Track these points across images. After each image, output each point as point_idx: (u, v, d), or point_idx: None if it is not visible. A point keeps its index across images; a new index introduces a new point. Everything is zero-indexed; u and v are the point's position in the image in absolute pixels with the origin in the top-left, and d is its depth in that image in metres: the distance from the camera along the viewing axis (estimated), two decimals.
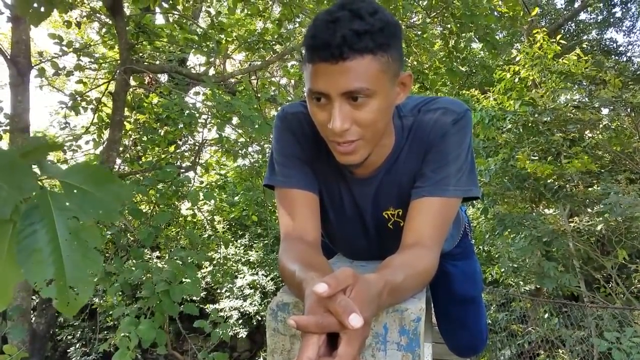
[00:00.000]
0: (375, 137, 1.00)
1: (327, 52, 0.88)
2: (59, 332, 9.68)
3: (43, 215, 0.96)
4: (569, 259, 6.57)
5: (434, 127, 1.07)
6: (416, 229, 1.03)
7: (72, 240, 0.97)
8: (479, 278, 1.68)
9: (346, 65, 0.88)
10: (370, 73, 0.89)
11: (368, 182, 1.16)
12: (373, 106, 0.93)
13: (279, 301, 0.88)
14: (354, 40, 0.87)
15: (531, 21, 9.84)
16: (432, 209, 1.04)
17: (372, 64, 0.89)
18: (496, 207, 7.54)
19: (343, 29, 0.86)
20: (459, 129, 1.06)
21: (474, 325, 1.66)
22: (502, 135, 7.28)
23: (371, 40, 0.88)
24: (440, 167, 1.05)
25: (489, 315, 7.68)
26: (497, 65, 9.68)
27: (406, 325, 0.81)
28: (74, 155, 5.60)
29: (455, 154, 1.05)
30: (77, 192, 1.04)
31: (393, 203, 1.17)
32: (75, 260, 0.95)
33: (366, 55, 0.88)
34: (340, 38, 0.86)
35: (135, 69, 4.42)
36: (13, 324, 3.39)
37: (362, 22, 0.87)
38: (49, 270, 0.92)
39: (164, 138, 5.47)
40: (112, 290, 2.97)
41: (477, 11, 5.30)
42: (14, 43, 3.59)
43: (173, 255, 3.21)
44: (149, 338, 2.66)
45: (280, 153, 1.16)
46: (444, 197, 1.04)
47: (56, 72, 4.80)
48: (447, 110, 1.07)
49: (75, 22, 5.02)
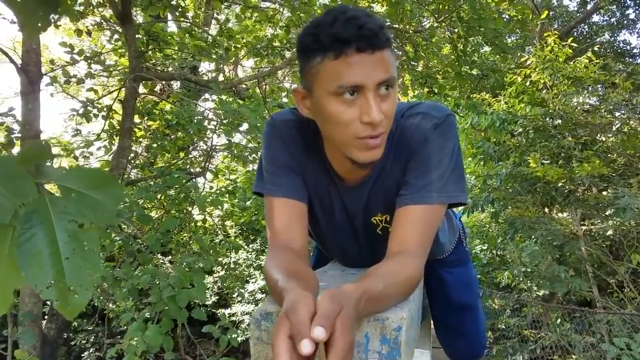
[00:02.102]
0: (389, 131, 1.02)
1: (363, 42, 0.89)
2: (73, 336, 9.75)
3: (42, 219, 0.98)
4: (581, 264, 6.50)
5: (415, 133, 1.06)
6: (400, 238, 1.02)
7: (71, 243, 0.98)
8: (475, 285, 1.66)
9: (380, 55, 0.91)
10: (393, 64, 0.94)
11: (358, 189, 1.16)
12: (394, 97, 0.96)
13: (262, 310, 0.88)
14: (380, 32, 0.90)
15: (542, 24, 9.80)
16: (415, 217, 1.03)
17: (392, 56, 0.95)
18: (507, 212, 7.49)
19: (369, 24, 0.90)
20: (440, 134, 1.05)
21: (472, 333, 1.65)
22: (512, 140, 7.24)
23: (385, 36, 0.92)
24: (422, 173, 1.04)
25: (503, 321, 7.63)
26: (509, 68, 9.63)
27: (387, 334, 0.81)
28: (86, 161, 5.68)
29: (437, 159, 1.04)
30: (75, 196, 1.05)
31: (381, 209, 1.17)
32: (75, 263, 0.97)
33: (387, 48, 0.93)
34: (370, 30, 0.89)
35: (145, 76, 4.46)
36: (24, 329, 3.43)
37: (374, 20, 0.91)
38: (49, 273, 0.93)
39: (174, 144, 5.51)
40: (121, 296, 3.00)
41: (485, 14, 5.28)
42: (24, 52, 3.64)
43: (181, 261, 3.23)
44: (155, 344, 2.67)
45: (270, 161, 1.16)
46: (428, 205, 1.03)
47: (67, 80, 4.86)
48: (427, 115, 1.07)
49: (86, 31, 5.08)
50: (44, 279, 0.91)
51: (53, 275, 0.93)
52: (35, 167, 1.07)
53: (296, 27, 5.68)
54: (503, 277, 7.74)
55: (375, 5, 7.10)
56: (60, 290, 0.92)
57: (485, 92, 8.97)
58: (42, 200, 0.98)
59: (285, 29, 5.84)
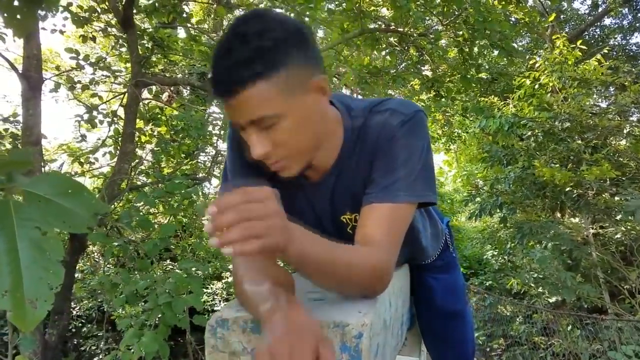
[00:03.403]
0: (303, 151, 0.97)
1: (221, 89, 0.88)
2: (83, 342, 9.79)
3: (3, 225, 0.94)
4: (592, 269, 6.40)
5: (382, 130, 1.02)
6: (364, 233, 0.98)
7: (33, 251, 0.94)
8: (462, 292, 1.62)
9: (242, 97, 0.86)
10: (268, 98, 0.87)
11: (322, 186, 1.13)
12: (285, 127, 0.91)
13: (218, 317, 0.85)
14: (242, 70, 0.85)
15: (552, 27, 9.72)
16: (381, 215, 0.98)
17: (267, 89, 0.86)
18: (515, 216, 7.41)
19: (230, 61, 0.85)
20: (408, 131, 1.01)
21: (459, 341, 1.60)
22: (521, 143, 7.17)
23: (260, 64, 0.85)
24: (389, 171, 1.00)
25: (514, 328, 7.55)
26: (519, 72, 9.56)
27: (347, 341, 0.77)
28: (91, 167, 5.72)
29: (404, 157, 1.00)
30: (41, 202, 1.01)
31: (349, 207, 1.13)
32: (35, 273, 0.92)
33: (258, 82, 0.85)
34: (227, 73, 0.86)
35: (147, 81, 4.47)
36: (24, 335, 3.42)
37: (246, 48, 0.84)
38: (4, 281, 0.89)
39: (179, 150, 5.52)
40: (118, 302, 2.98)
41: (491, 17, 5.23)
42: (25, 58, 3.67)
43: (179, 267, 3.21)
44: (151, 350, 2.65)
45: (233, 163, 1.14)
46: (394, 203, 0.98)
47: (72, 85, 4.88)
48: (394, 111, 1.03)
49: (90, 37, 5.11)
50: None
51: (9, 284, 0.89)
52: (7, 174, 1.04)
53: None
54: (513, 284, 7.66)
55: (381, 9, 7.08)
56: (16, 300, 0.88)
57: (494, 95, 8.92)
58: (6, 206, 0.95)
59: None
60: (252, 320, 0.82)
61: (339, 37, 6.50)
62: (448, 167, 18.84)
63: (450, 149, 15.63)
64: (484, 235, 12.32)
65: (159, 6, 5.25)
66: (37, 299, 0.89)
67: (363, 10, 6.14)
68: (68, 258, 4.00)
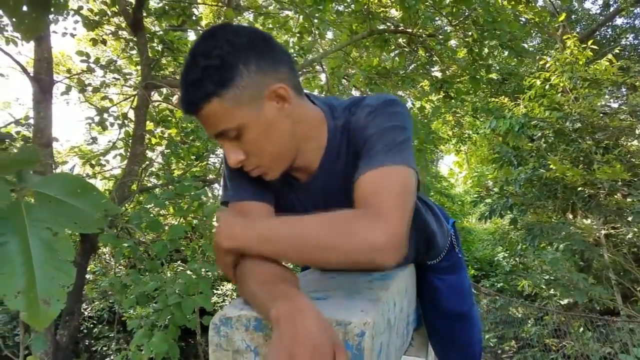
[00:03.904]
0: (277, 156, 1.02)
1: (184, 108, 0.96)
2: (95, 343, 9.83)
3: (15, 226, 0.95)
4: (603, 271, 6.34)
5: (357, 126, 1.05)
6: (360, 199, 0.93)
7: (45, 252, 0.95)
8: (469, 293, 1.61)
9: (202, 115, 0.94)
10: (224, 113, 0.93)
11: (312, 186, 1.15)
12: (249, 137, 0.96)
13: (221, 315, 0.85)
14: (195, 91, 0.91)
15: (564, 27, 9.67)
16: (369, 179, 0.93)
17: (220, 105, 0.92)
18: (526, 217, 7.36)
19: (186, 82, 0.92)
20: (375, 116, 1.01)
21: (465, 343, 1.59)
22: (530, 144, 7.13)
23: (209, 84, 0.90)
24: (367, 150, 0.98)
25: (525, 331, 7.51)
26: (529, 72, 9.52)
27: (349, 339, 0.77)
28: (102, 169, 5.77)
29: (378, 134, 0.98)
30: (52, 203, 1.02)
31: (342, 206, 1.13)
32: (47, 273, 0.93)
33: (210, 100, 0.91)
34: (186, 94, 0.93)
35: (156, 84, 4.51)
36: (36, 335, 3.45)
37: (196, 70, 0.91)
38: (19, 282, 0.89)
39: (188, 152, 5.55)
40: (128, 302, 3.00)
41: (500, 18, 5.22)
42: (36, 61, 3.72)
43: (188, 268, 3.23)
44: (161, 350, 2.66)
45: (231, 170, 1.15)
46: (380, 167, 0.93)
47: (82, 88, 4.93)
48: (366, 106, 1.05)
49: (100, 40, 5.16)
50: (12, 288, 0.88)
51: (23, 284, 0.90)
52: (17, 174, 1.06)
53: (309, 33, 5.69)
54: (524, 286, 7.61)
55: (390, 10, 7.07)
56: (30, 300, 0.88)
57: (505, 96, 8.88)
58: (17, 207, 0.96)
59: (298, 36, 5.86)
60: (256, 319, 0.82)
61: (348, 39, 6.51)
62: (459, 168, 18.77)
63: (460, 150, 15.58)
64: (494, 237, 12.27)
65: (168, 9, 5.30)
66: (50, 298, 0.90)
67: (372, 12, 6.15)
68: (79, 259, 4.04)
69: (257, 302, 0.84)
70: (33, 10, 1.40)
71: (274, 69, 0.96)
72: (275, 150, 1.00)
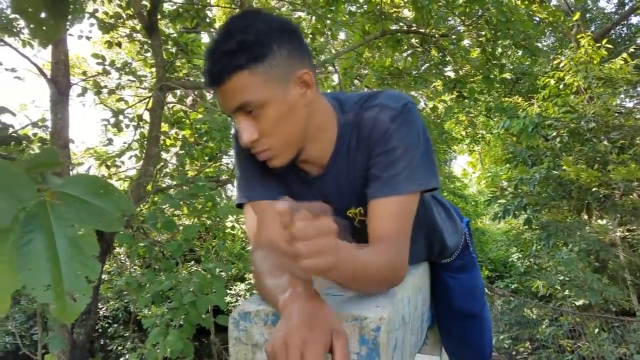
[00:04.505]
0: (289, 141, 1.03)
1: (208, 79, 0.98)
2: (110, 342, 9.92)
3: (41, 224, 0.98)
4: (619, 272, 6.28)
5: (374, 126, 1.05)
6: (374, 231, 1.01)
7: (70, 248, 0.98)
8: (481, 293, 1.62)
9: (226, 86, 0.96)
10: (251, 86, 0.95)
11: (322, 180, 1.16)
12: (269, 115, 0.98)
13: (240, 310, 0.88)
14: (225, 61, 0.94)
15: (578, 26, 9.59)
16: (388, 209, 1.01)
17: (249, 78, 0.94)
18: (540, 217, 7.31)
19: (217, 54, 0.95)
20: (400, 124, 1.03)
21: (476, 342, 1.60)
22: (545, 143, 7.09)
23: (242, 57, 0.93)
24: (388, 165, 1.03)
25: (540, 332, 7.45)
26: (543, 72, 9.45)
27: (365, 334, 0.79)
28: (117, 170, 5.83)
29: (402, 150, 1.02)
30: (76, 202, 1.05)
31: (353, 202, 1.16)
32: (73, 268, 0.96)
33: (241, 72, 0.94)
34: (213, 63, 0.95)
35: (171, 85, 4.56)
36: (53, 334, 3.51)
37: (231, 42, 0.94)
38: (46, 277, 0.93)
39: (202, 153, 5.59)
40: (144, 301, 3.04)
41: (513, 17, 5.20)
42: (53, 64, 3.78)
43: (202, 267, 3.26)
44: (176, 348, 2.70)
45: (243, 171, 1.19)
46: (399, 195, 1.01)
47: (98, 90, 5.00)
48: (383, 107, 1.05)
49: (116, 43, 5.22)
50: (40, 283, 0.91)
51: (51, 279, 0.93)
52: (41, 174, 1.09)
53: (321, 34, 5.71)
54: (539, 286, 7.55)
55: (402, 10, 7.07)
56: (57, 294, 0.92)
57: (518, 96, 8.83)
58: (43, 205, 0.99)
59: (310, 37, 5.88)
60: (273, 313, 0.85)
61: (360, 39, 6.51)
62: (472, 168, 18.66)
63: (474, 150, 15.50)
64: (509, 237, 12.18)
65: (182, 11, 5.35)
66: (76, 293, 0.93)
67: (384, 12, 6.15)
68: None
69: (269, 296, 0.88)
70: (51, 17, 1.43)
71: (300, 57, 1.01)
72: (289, 134, 1.02)
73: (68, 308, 0.91)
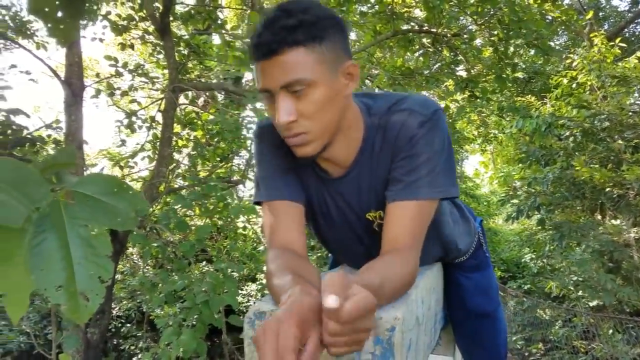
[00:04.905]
0: (325, 129, 1.01)
1: (262, 49, 0.94)
2: (123, 342, 9.98)
3: (54, 223, 0.98)
4: (633, 272, 6.21)
5: (401, 130, 1.05)
6: (391, 235, 1.01)
7: (84, 248, 0.98)
8: (495, 293, 1.61)
9: (280, 59, 0.93)
10: (305, 64, 0.93)
11: (343, 181, 1.15)
12: (315, 96, 0.96)
13: (256, 310, 0.88)
14: (284, 34, 0.92)
15: (591, 24, 9.50)
16: (406, 213, 1.02)
17: (305, 56, 0.93)
18: (554, 217, 7.25)
19: (275, 27, 0.93)
20: (428, 130, 1.03)
21: (490, 342, 1.59)
22: (558, 143, 7.03)
23: (302, 34, 0.92)
24: (410, 170, 1.03)
25: (553, 333, 7.40)
26: (556, 71, 9.38)
27: (380, 334, 0.79)
28: (130, 171, 5.87)
29: (426, 156, 1.03)
30: (90, 202, 1.06)
31: (372, 205, 1.16)
32: (86, 268, 0.96)
33: (298, 48, 0.93)
34: (271, 35, 0.92)
35: (183, 87, 4.58)
36: (67, 334, 3.54)
37: (292, 18, 0.92)
38: (59, 277, 0.93)
39: (214, 153, 5.62)
40: (157, 301, 3.06)
41: (526, 17, 5.16)
42: (67, 65, 3.82)
43: (214, 267, 3.28)
44: (189, 348, 2.71)
45: (262, 168, 1.18)
46: (417, 200, 1.02)
47: (111, 92, 5.04)
48: (412, 112, 1.05)
49: (129, 45, 5.26)
50: (53, 283, 0.91)
51: (63, 279, 0.93)
52: (56, 175, 1.10)
53: None
54: (552, 287, 7.49)
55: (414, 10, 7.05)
56: (70, 294, 0.92)
57: (531, 95, 8.77)
58: (56, 205, 0.99)
59: None
60: None
61: (372, 39, 6.51)
62: (484, 168, 18.55)
63: (486, 150, 15.42)
64: (521, 238, 12.09)
65: (194, 13, 5.37)
66: (89, 293, 0.93)
67: (395, 12, 6.14)
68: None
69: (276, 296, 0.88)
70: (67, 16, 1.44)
71: (347, 50, 1.02)
72: (328, 120, 1.00)
73: (81, 308, 0.91)
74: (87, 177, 1.11)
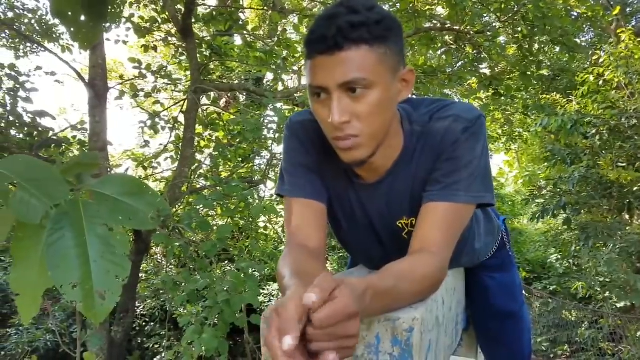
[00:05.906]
0: (377, 133, 0.97)
1: (323, 44, 0.90)
2: (147, 340, 10.08)
3: (72, 221, 0.98)
4: None
5: (445, 135, 1.03)
6: (422, 235, 0.99)
7: (101, 247, 0.97)
8: (519, 292, 1.57)
9: (342, 56, 0.89)
10: (367, 63, 0.89)
11: (377, 188, 1.13)
12: (372, 98, 0.92)
13: (272, 309, 0.87)
14: (348, 31, 0.88)
15: (618, 20, 9.30)
16: (439, 213, 1.00)
17: (368, 55, 0.89)
18: (580, 217, 7.11)
19: (338, 22, 0.88)
20: (471, 136, 1.02)
21: (514, 343, 1.56)
22: (584, 141, 6.89)
23: (367, 32, 0.88)
24: (451, 172, 1.01)
25: (579, 334, 7.28)
26: (582, 68, 9.20)
27: (398, 335, 0.77)
28: (154, 171, 5.95)
29: (467, 160, 1.01)
30: (109, 201, 1.06)
31: (406, 212, 1.13)
32: (103, 266, 0.96)
33: (362, 46, 0.89)
34: (335, 29, 0.88)
35: (205, 88, 4.62)
36: (92, 332, 3.60)
37: (357, 15, 0.88)
38: (75, 274, 0.92)
39: (235, 154, 5.65)
40: (180, 299, 3.09)
41: (550, 13, 5.07)
42: (91, 67, 3.87)
43: (236, 267, 3.29)
44: (211, 347, 2.72)
45: (289, 162, 1.16)
46: (453, 203, 1.00)
47: (135, 93, 5.10)
48: (458, 117, 1.03)
49: (152, 47, 5.32)
50: (69, 280, 0.91)
51: (80, 276, 0.92)
52: (77, 176, 1.11)
53: None
54: (578, 288, 7.36)
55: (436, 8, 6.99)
56: (86, 292, 0.91)
57: (557, 93, 8.62)
58: (75, 204, 1.00)
59: None
60: None
61: None
62: (509, 167, 18.30)
63: (510, 149, 15.21)
64: (547, 238, 11.90)
65: (216, 15, 5.41)
66: (105, 291, 0.93)
67: (418, 10, 6.09)
68: (133, 258, 4.17)
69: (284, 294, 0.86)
70: (90, 20, 1.45)
71: (404, 55, 1.00)
72: (381, 125, 0.97)
73: (97, 306, 0.91)
74: (107, 177, 1.11)
